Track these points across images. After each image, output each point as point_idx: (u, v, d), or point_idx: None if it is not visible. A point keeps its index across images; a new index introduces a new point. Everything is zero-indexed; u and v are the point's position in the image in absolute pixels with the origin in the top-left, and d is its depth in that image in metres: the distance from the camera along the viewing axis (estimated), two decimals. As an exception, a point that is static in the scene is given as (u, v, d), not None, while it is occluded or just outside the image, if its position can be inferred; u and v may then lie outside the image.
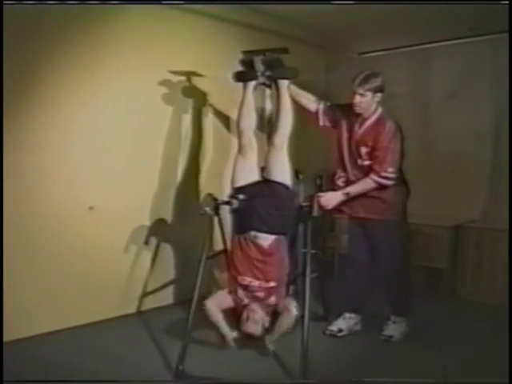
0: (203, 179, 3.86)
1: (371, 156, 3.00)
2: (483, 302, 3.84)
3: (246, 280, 2.78)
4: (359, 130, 3.07)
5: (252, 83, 3.04)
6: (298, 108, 3.12)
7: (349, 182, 3.10)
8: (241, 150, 2.97)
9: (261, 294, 2.78)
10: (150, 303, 3.65)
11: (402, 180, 3.10)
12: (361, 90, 2.95)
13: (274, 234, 2.81)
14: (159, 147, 3.61)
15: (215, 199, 2.94)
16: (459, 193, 4.30)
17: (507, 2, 2.94)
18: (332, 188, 3.15)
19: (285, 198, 2.87)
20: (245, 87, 3.05)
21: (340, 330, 3.25)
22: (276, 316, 2.81)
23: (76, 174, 3.19)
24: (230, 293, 2.85)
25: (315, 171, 3.68)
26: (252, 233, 2.79)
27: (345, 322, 3.29)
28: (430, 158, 4.46)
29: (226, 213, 2.99)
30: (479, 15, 3.70)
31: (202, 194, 3.33)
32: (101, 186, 3.30)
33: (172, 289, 3.78)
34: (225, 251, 3.14)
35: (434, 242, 4.10)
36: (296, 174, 3.06)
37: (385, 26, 4.15)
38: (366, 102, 2.98)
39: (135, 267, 3.55)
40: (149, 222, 3.60)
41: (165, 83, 3.56)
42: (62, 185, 3.15)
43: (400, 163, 3.03)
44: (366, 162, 3.03)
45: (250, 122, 2.99)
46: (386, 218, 3.05)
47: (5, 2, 2.58)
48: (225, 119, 3.93)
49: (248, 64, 3.04)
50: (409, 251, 3.36)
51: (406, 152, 3.06)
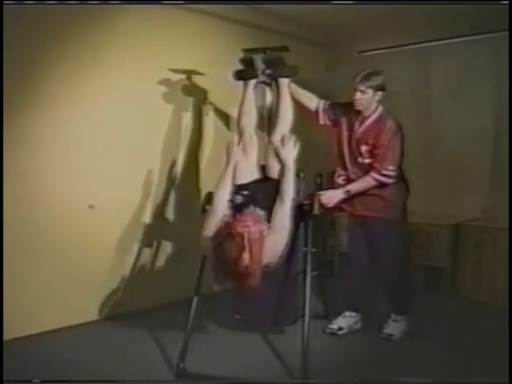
0: (203, 177, 3.86)
1: (372, 154, 3.01)
2: (483, 300, 3.85)
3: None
4: (359, 129, 3.07)
5: (252, 81, 3.04)
6: (298, 106, 3.12)
7: (349, 181, 3.11)
8: (242, 148, 2.97)
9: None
10: (150, 302, 3.65)
11: (401, 178, 3.11)
12: (362, 87, 2.96)
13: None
14: (159, 146, 3.61)
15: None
16: (460, 191, 4.31)
17: (507, 2, 2.94)
18: (332, 186, 3.15)
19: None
20: (245, 85, 3.05)
21: (340, 329, 3.25)
22: None
23: (76, 173, 3.19)
24: None
25: (315, 170, 3.68)
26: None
27: (345, 321, 3.29)
28: (431, 157, 4.46)
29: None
30: (479, 14, 3.70)
31: (203, 192, 3.32)
32: (101, 185, 3.31)
33: (173, 287, 3.78)
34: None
35: (435, 240, 4.11)
36: (296, 172, 3.05)
37: (385, 25, 4.15)
38: (367, 99, 2.99)
39: (136, 266, 3.56)
40: (149, 220, 3.61)
41: (165, 82, 3.56)
42: (62, 183, 3.15)
43: (400, 161, 3.04)
44: (367, 160, 3.04)
45: (250, 120, 2.99)
46: (386, 216, 3.05)
47: (5, 2, 2.59)
48: (225, 118, 3.93)
49: (248, 62, 3.04)
50: (409, 249, 3.37)
51: (407, 151, 3.07)
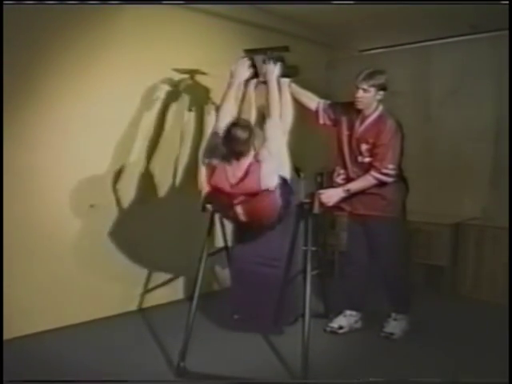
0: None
1: (372, 153, 3.01)
2: (484, 299, 3.85)
3: None
4: (360, 128, 3.07)
5: (253, 81, 3.03)
6: (299, 106, 3.12)
7: (349, 180, 3.11)
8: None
9: None
10: (151, 300, 3.65)
11: (401, 177, 3.11)
12: (364, 85, 2.96)
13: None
14: (160, 144, 3.61)
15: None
16: (460, 190, 4.31)
17: (507, 2, 2.94)
18: (332, 185, 3.16)
19: (283, 190, 2.86)
20: (246, 85, 3.04)
21: (340, 327, 3.26)
22: None
23: (77, 172, 3.20)
24: None
25: (316, 169, 3.68)
26: None
27: (345, 320, 3.30)
28: (431, 156, 4.46)
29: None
30: (480, 13, 3.69)
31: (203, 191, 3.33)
32: (101, 184, 3.31)
33: (173, 286, 3.78)
34: (225, 248, 3.14)
35: (435, 239, 4.11)
36: (297, 171, 3.06)
37: (385, 24, 4.15)
38: (368, 97, 2.99)
39: (136, 264, 3.56)
40: (150, 220, 3.60)
41: (167, 81, 3.56)
42: (62, 183, 3.15)
43: (400, 160, 3.04)
44: (367, 159, 3.04)
45: (250, 119, 2.99)
46: (385, 215, 3.05)
47: (5, 2, 2.59)
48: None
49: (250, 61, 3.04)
50: (409, 248, 3.37)
51: (407, 150, 3.07)
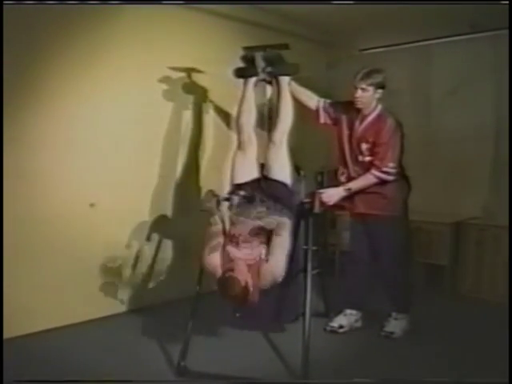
0: (203, 175, 3.86)
1: (372, 152, 3.00)
2: (484, 298, 3.85)
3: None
4: (360, 127, 3.07)
5: (252, 79, 3.03)
6: (298, 105, 3.12)
7: (350, 179, 3.11)
8: (240, 146, 2.96)
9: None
10: (151, 299, 3.65)
11: (402, 176, 3.11)
12: (363, 85, 2.96)
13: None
14: (160, 144, 3.61)
15: (216, 195, 2.94)
16: (460, 189, 4.31)
17: (507, 2, 2.93)
18: (333, 184, 3.15)
19: (284, 196, 2.86)
20: (245, 83, 3.04)
21: (341, 327, 3.25)
22: None
23: (76, 171, 3.19)
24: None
25: (316, 168, 3.68)
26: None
27: (346, 319, 3.29)
28: (431, 155, 4.46)
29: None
30: (480, 12, 3.69)
31: (203, 190, 3.32)
32: (101, 183, 3.30)
33: (174, 285, 3.78)
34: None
35: (436, 238, 4.11)
36: (297, 170, 3.06)
37: (385, 23, 4.14)
38: (367, 97, 2.99)
39: (136, 264, 3.55)
40: (150, 218, 3.60)
41: (165, 80, 3.56)
42: (63, 182, 3.15)
43: (400, 159, 3.03)
44: (367, 158, 3.03)
45: (249, 118, 2.98)
46: (386, 214, 3.05)
47: (5, 2, 2.58)
48: (225, 115, 3.92)
49: (249, 60, 3.04)
50: (410, 247, 3.36)
51: (408, 149, 3.07)
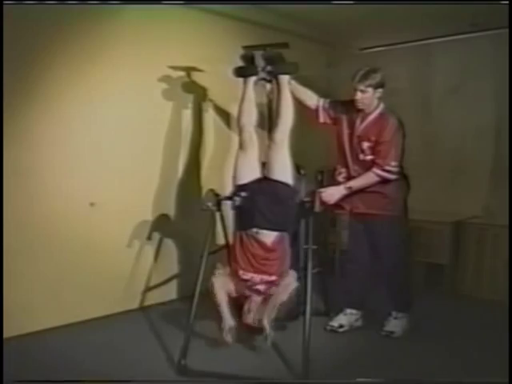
0: (204, 174, 3.86)
1: (374, 151, 3.00)
2: (484, 297, 3.85)
3: (247, 275, 2.76)
4: (361, 126, 3.07)
5: (252, 78, 3.02)
6: (299, 104, 3.11)
7: (349, 178, 3.11)
8: (241, 145, 2.96)
9: (262, 287, 2.77)
10: (152, 299, 3.65)
11: (402, 175, 3.11)
12: (361, 87, 2.96)
13: (275, 230, 2.79)
14: (160, 143, 3.61)
15: (217, 195, 2.95)
16: (461, 189, 4.31)
17: (507, 2, 2.93)
18: (333, 183, 3.15)
19: (286, 196, 2.86)
20: (245, 83, 3.03)
21: (341, 326, 3.25)
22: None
23: (77, 170, 3.19)
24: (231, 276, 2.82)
25: (316, 167, 3.68)
26: (254, 229, 2.78)
27: (346, 318, 3.29)
28: (432, 154, 4.46)
29: (228, 208, 2.99)
30: (480, 11, 3.69)
31: (204, 190, 3.33)
32: (102, 182, 3.30)
33: (174, 284, 3.78)
34: (226, 246, 3.14)
35: (436, 237, 4.11)
36: (297, 169, 3.06)
37: (386, 22, 4.14)
38: (368, 98, 2.99)
39: (137, 263, 3.55)
40: (151, 218, 3.60)
41: (165, 79, 3.56)
42: (63, 181, 3.14)
43: (401, 158, 3.03)
44: (368, 157, 3.03)
45: (250, 117, 2.98)
46: (386, 213, 3.05)
47: (5, 2, 2.58)
48: (225, 115, 3.92)
49: (248, 59, 3.03)
50: (409, 247, 3.36)
51: (408, 148, 3.07)
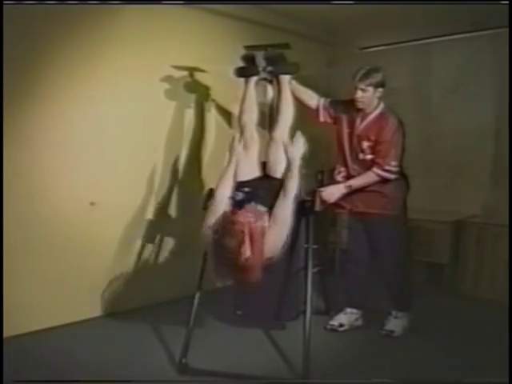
0: (205, 173, 3.86)
1: (374, 150, 3.01)
2: (484, 297, 3.85)
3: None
4: (361, 125, 3.08)
5: (253, 78, 3.04)
6: (299, 103, 3.12)
7: (349, 177, 3.11)
8: (243, 144, 2.97)
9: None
10: (152, 298, 3.66)
11: (402, 175, 3.12)
12: (362, 86, 2.96)
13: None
14: (161, 142, 3.62)
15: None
16: (461, 188, 4.31)
17: (507, 2, 2.94)
18: (333, 183, 3.16)
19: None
20: (246, 82, 3.05)
21: (341, 325, 3.26)
22: None
23: (77, 170, 3.20)
24: None
25: (316, 166, 3.68)
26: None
27: (346, 317, 3.30)
28: (432, 154, 4.46)
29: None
30: (480, 10, 3.69)
31: (205, 189, 3.33)
32: (102, 182, 3.31)
33: (175, 283, 3.78)
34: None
35: (436, 237, 4.12)
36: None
37: (386, 21, 4.15)
38: (368, 97, 2.99)
39: (138, 262, 3.56)
40: (151, 217, 3.61)
41: (166, 79, 3.56)
42: (63, 181, 3.15)
43: (401, 158, 3.04)
44: (368, 157, 3.04)
45: (251, 116, 2.99)
46: (386, 213, 3.06)
47: (5, 2, 2.59)
48: (227, 114, 3.93)
49: (249, 59, 3.05)
50: (409, 246, 3.37)
51: (408, 147, 3.08)
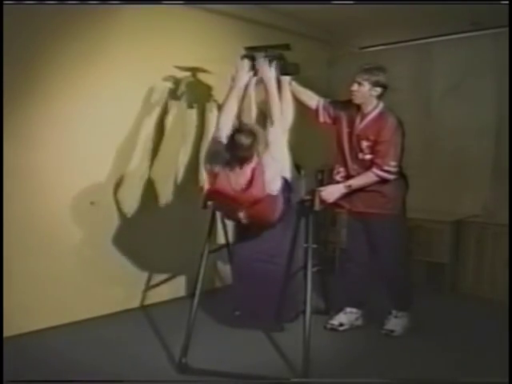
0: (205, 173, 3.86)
1: (373, 150, 3.00)
2: (484, 296, 3.86)
3: None
4: (360, 125, 3.07)
5: (253, 79, 3.03)
6: (299, 104, 3.12)
7: (348, 177, 3.11)
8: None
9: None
10: (152, 297, 3.66)
11: (401, 174, 3.11)
12: (359, 79, 2.97)
13: None
14: (161, 142, 3.61)
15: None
16: (461, 188, 4.31)
17: (507, 2, 2.94)
18: (332, 182, 3.16)
19: (284, 192, 2.86)
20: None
21: (341, 325, 3.26)
22: None
23: (76, 169, 3.19)
24: None
25: (316, 166, 3.69)
26: None
27: (346, 317, 3.30)
28: (432, 153, 4.46)
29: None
30: (481, 10, 3.69)
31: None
32: (102, 181, 3.31)
33: (175, 283, 3.79)
34: (227, 245, 3.15)
35: (436, 236, 4.11)
36: (297, 169, 3.06)
37: (386, 21, 4.15)
38: (362, 92, 2.98)
39: (137, 262, 3.56)
40: (151, 217, 3.61)
41: (165, 78, 3.56)
42: (63, 180, 3.15)
43: (401, 158, 3.03)
44: (368, 156, 3.03)
45: (250, 116, 2.99)
46: (385, 212, 3.05)
47: (5, 2, 2.59)
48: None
49: (250, 60, 3.03)
50: (409, 245, 3.37)
51: (408, 147, 3.07)
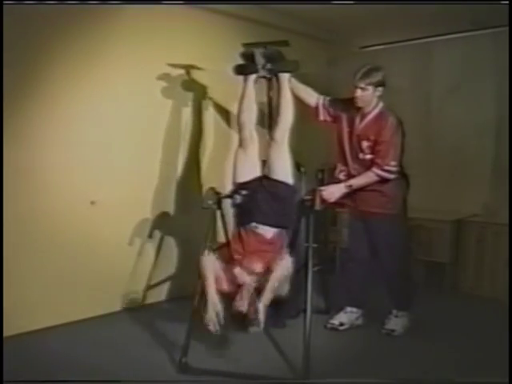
0: (204, 172, 3.86)
1: (373, 150, 3.00)
2: (484, 296, 3.85)
3: (242, 263, 2.66)
4: (360, 125, 3.07)
5: (252, 76, 3.02)
6: (298, 102, 3.11)
7: (349, 176, 3.10)
8: (241, 143, 2.96)
9: (256, 275, 2.63)
10: (153, 297, 3.65)
11: (402, 174, 3.11)
12: (362, 84, 2.95)
13: (275, 227, 2.80)
14: (160, 141, 3.61)
15: (218, 193, 2.95)
16: (461, 187, 4.31)
17: (507, 2, 2.93)
18: (333, 182, 3.15)
19: (286, 195, 2.86)
20: (245, 80, 3.03)
21: (341, 324, 3.25)
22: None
23: (77, 169, 3.19)
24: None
25: (317, 165, 3.68)
26: (253, 224, 2.77)
27: (346, 316, 3.29)
28: (432, 152, 4.46)
29: (228, 206, 2.99)
30: (481, 9, 3.68)
31: (204, 188, 3.32)
32: (102, 181, 3.31)
33: (175, 282, 3.78)
34: (227, 244, 3.14)
35: (436, 236, 4.11)
36: (298, 166, 3.06)
37: (386, 20, 4.14)
38: (367, 95, 2.98)
39: (138, 261, 3.56)
40: (151, 216, 3.60)
41: (165, 77, 3.55)
42: (63, 180, 3.15)
43: (401, 157, 3.03)
44: (368, 156, 3.03)
45: (250, 115, 2.97)
46: (386, 212, 3.05)
47: (5, 2, 2.59)
48: (225, 113, 3.92)
49: (248, 57, 3.03)
50: (409, 245, 3.36)
51: (409, 146, 3.07)
